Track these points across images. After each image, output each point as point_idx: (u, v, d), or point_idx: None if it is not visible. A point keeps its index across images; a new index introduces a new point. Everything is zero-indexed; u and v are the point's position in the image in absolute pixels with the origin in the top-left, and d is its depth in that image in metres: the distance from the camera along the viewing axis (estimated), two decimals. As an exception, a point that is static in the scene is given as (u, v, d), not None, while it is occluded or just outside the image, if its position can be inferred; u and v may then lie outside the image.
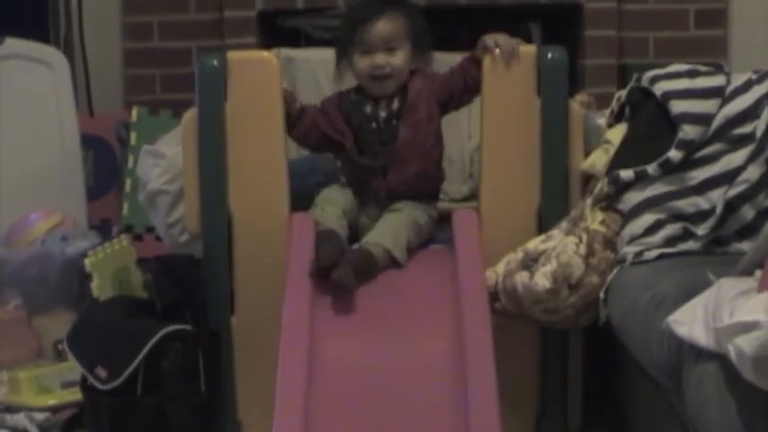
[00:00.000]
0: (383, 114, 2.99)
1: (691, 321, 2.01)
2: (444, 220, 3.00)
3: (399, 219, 2.90)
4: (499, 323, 2.72)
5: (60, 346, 3.42)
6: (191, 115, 2.97)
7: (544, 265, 2.75)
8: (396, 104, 2.98)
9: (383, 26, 2.95)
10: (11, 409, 3.14)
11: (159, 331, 2.75)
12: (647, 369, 2.39)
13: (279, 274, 2.71)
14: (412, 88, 2.98)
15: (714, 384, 1.94)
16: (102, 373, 2.77)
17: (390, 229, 2.85)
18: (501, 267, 2.84)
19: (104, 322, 2.91)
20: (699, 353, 1.99)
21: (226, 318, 2.95)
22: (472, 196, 3.29)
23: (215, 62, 2.94)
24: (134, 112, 4.23)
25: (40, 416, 3.07)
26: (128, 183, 4.10)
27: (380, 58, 2.94)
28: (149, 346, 2.73)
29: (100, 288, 3.30)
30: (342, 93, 3.07)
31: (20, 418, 3.03)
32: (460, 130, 3.44)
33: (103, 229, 4.16)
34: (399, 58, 2.96)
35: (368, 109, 2.99)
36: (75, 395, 3.06)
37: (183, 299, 2.89)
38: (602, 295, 2.71)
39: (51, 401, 3.18)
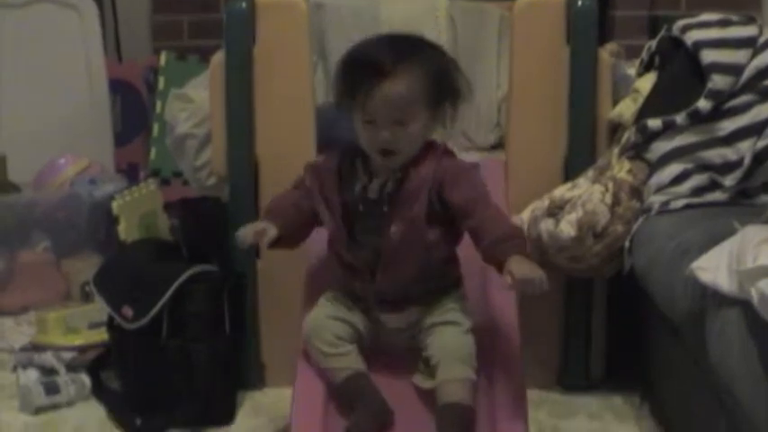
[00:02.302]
0: (372, 196, 2.38)
1: (715, 268, 2.01)
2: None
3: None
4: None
5: (88, 288, 3.46)
6: (218, 59, 2.98)
7: (569, 213, 2.75)
8: (389, 187, 2.35)
9: (393, 92, 2.26)
10: (39, 348, 3.17)
11: (185, 272, 2.77)
12: (670, 318, 2.40)
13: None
14: (417, 173, 2.33)
15: (736, 331, 1.95)
16: (128, 312, 2.79)
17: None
18: (526, 215, 2.85)
19: (131, 264, 2.93)
20: (722, 299, 1.99)
21: (251, 261, 2.96)
22: (499, 145, 3.29)
23: (243, 5, 2.92)
24: (162, 58, 4.24)
25: (68, 355, 3.10)
26: (155, 128, 4.12)
27: (387, 135, 2.29)
28: (175, 286, 2.74)
29: (127, 231, 3.33)
30: (346, 151, 2.44)
31: (47, 357, 3.06)
32: (489, 80, 3.42)
33: (130, 173, 4.19)
34: (412, 133, 2.31)
35: (357, 186, 2.38)
36: (102, 336, 3.08)
37: (209, 242, 2.91)
38: (626, 244, 2.72)
39: (78, 342, 3.20)
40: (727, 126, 2.73)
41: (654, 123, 2.78)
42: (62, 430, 2.82)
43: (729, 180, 2.69)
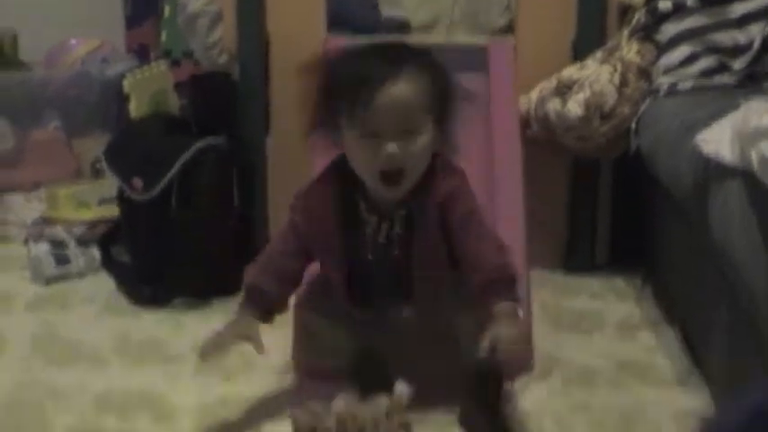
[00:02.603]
0: (381, 240, 2.15)
1: (718, 140, 2.03)
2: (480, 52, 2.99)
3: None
4: (530, 151, 2.75)
5: (98, 165, 3.49)
6: (229, -66, 2.98)
7: (577, 93, 2.77)
8: (398, 227, 2.13)
9: (400, 97, 1.98)
10: (49, 222, 3.21)
11: (195, 144, 2.79)
12: (674, 195, 2.42)
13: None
14: (434, 196, 2.08)
15: (738, 202, 1.97)
16: (138, 183, 2.82)
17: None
18: (534, 95, 2.87)
19: (141, 137, 2.96)
20: (724, 171, 2.01)
21: (260, 137, 2.99)
22: (509, 27, 3.28)
23: None
24: (173, -63, 4.21)
25: (78, 230, 3.14)
26: (166, 10, 4.10)
27: (395, 148, 1.99)
28: (185, 158, 2.77)
29: (137, 109, 3.33)
30: (341, 182, 2.14)
31: (58, 231, 3.11)
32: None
33: (141, 54, 4.17)
34: (421, 146, 2.03)
35: (368, 230, 2.14)
36: (112, 211, 3.12)
37: (219, 117, 2.92)
38: (633, 125, 2.74)
39: (88, 216, 3.24)
40: (738, 9, 2.73)
41: (664, 5, 2.78)
42: (72, 300, 2.86)
43: (738, 63, 2.70)
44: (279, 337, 2.42)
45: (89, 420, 2.23)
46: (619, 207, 3.06)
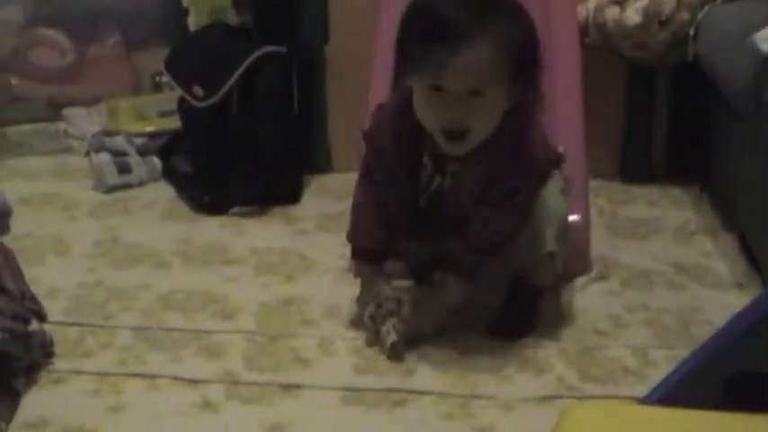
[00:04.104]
0: (433, 188, 2.15)
1: (777, 37, 2.03)
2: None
3: None
4: (588, 60, 2.74)
5: (158, 78, 3.51)
6: None
7: (635, 1, 2.76)
8: (448, 180, 2.12)
9: (473, 58, 1.90)
10: (111, 134, 3.24)
11: (255, 52, 2.81)
12: (731, 97, 2.42)
13: (371, 3, 2.74)
14: (489, 162, 2.04)
15: (796, 99, 1.98)
16: (198, 90, 2.85)
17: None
18: (592, 3, 2.86)
19: (202, 44, 2.98)
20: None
21: (320, 45, 3.01)
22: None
23: None
24: None
25: (138, 141, 3.17)
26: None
27: (460, 108, 1.94)
28: (245, 65, 2.79)
29: (196, 24, 3.35)
30: (407, 121, 2.06)
31: (119, 141, 3.13)
32: None
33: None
34: (487, 108, 1.96)
35: (423, 175, 2.13)
36: (172, 123, 3.15)
37: (279, 24, 2.93)
38: (691, 32, 2.73)
39: (149, 128, 3.27)
40: None
41: None
42: (133, 207, 2.90)
43: (799, -32, 2.68)
44: (337, 240, 2.47)
45: (153, 318, 2.28)
46: (676, 116, 3.05)
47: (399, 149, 2.10)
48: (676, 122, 3.04)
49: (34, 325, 2.06)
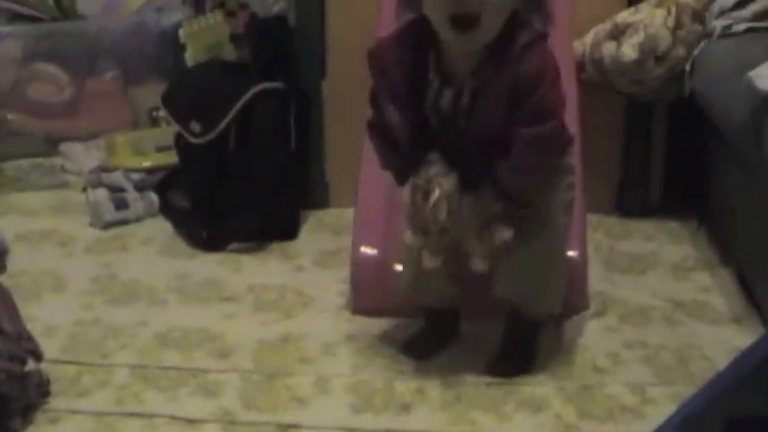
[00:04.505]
0: (446, 107, 2.04)
1: (773, 74, 2.03)
2: None
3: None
4: (585, 95, 2.74)
5: (155, 113, 3.52)
6: None
7: (631, 37, 2.77)
8: (465, 99, 2.00)
9: None
10: (108, 169, 3.24)
11: (252, 88, 2.82)
12: (728, 133, 2.42)
13: (370, 39, 2.74)
14: (496, 77, 1.96)
15: (793, 136, 1.98)
16: (195, 127, 2.85)
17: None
18: (588, 38, 2.87)
19: (199, 80, 2.99)
20: (779, 105, 2.02)
21: (317, 81, 3.01)
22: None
23: None
24: None
25: (136, 176, 3.17)
26: (222, -41, 4.12)
27: None
28: (243, 101, 2.80)
29: (194, 58, 3.36)
30: (414, 36, 2.02)
31: (117, 177, 3.13)
32: None
33: (197, 4, 4.19)
34: None
35: (429, 93, 2.04)
36: (169, 158, 3.16)
37: (277, 60, 2.94)
38: (687, 67, 2.74)
39: (146, 163, 3.28)
40: (792, -51, 2.72)
41: (719, -53, 2.77)
42: (130, 244, 2.90)
43: (793, 4, 2.69)
44: (334, 276, 2.46)
45: (150, 356, 2.27)
46: (673, 150, 3.05)
47: (403, 67, 2.02)
48: (673, 156, 3.04)
49: (31, 364, 2.05)
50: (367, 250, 2.42)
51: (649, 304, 2.51)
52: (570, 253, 2.29)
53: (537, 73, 1.95)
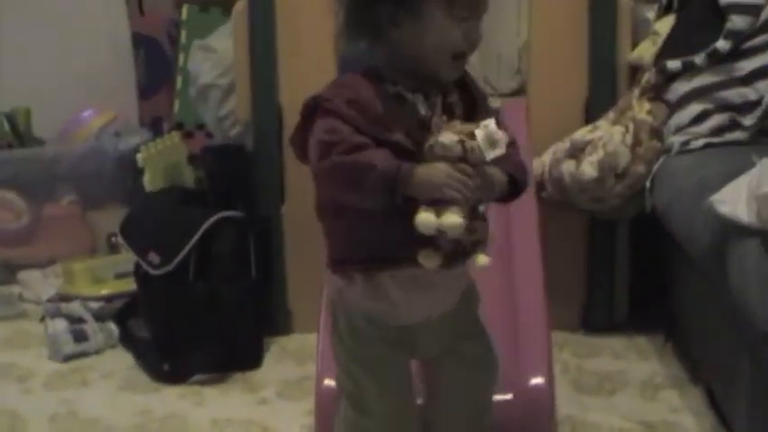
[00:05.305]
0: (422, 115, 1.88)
1: (733, 200, 2.02)
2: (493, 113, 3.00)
3: None
4: (546, 213, 2.74)
5: (114, 239, 3.50)
6: (241, 7, 3.00)
7: (591, 155, 2.77)
8: (454, 98, 1.91)
9: None
10: (66, 298, 3.21)
11: (211, 217, 2.80)
12: (692, 254, 2.41)
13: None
14: (471, 83, 1.94)
15: (755, 261, 1.96)
16: (154, 258, 2.82)
17: None
18: (547, 157, 2.87)
19: (157, 210, 2.98)
20: (740, 230, 2.00)
21: (276, 207, 3.00)
22: (520, 91, 3.29)
23: (264, -49, 2.94)
24: (184, 10, 4.23)
25: (95, 305, 3.14)
26: (178, 80, 4.12)
27: (479, 34, 1.88)
28: (201, 231, 2.78)
29: (152, 182, 3.35)
30: (370, 82, 1.85)
31: (75, 307, 3.10)
32: (509, 26, 3.43)
33: (154, 127, 4.20)
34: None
35: (422, 109, 1.87)
36: (129, 285, 3.12)
37: (235, 188, 2.93)
38: (647, 184, 2.73)
39: (105, 291, 3.24)
40: (746, 66, 2.74)
41: (673, 64, 2.79)
42: (90, 377, 2.85)
43: (749, 119, 2.70)
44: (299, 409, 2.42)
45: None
46: (637, 265, 3.04)
47: (376, 91, 1.84)
48: (638, 271, 3.04)
49: None
50: (331, 383, 2.38)
51: (620, 427, 2.48)
52: (535, 380, 2.26)
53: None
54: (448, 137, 1.81)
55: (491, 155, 1.83)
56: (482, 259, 1.89)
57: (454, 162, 1.80)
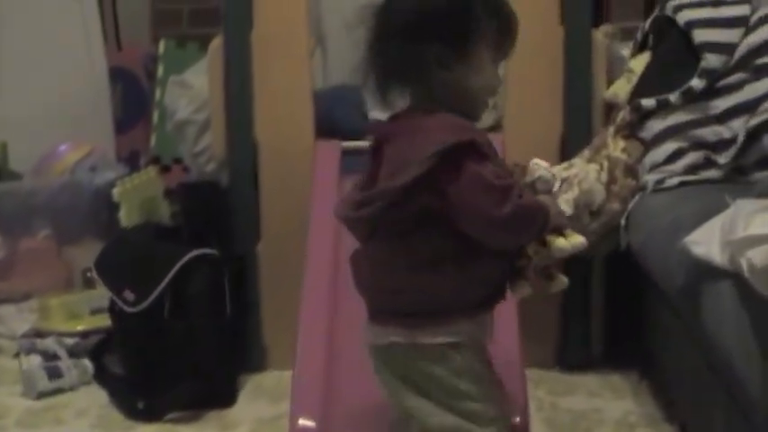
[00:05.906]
0: None
1: (707, 241, 2.03)
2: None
3: None
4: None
5: (89, 274, 3.48)
6: (217, 44, 3.01)
7: (566, 192, 2.77)
8: None
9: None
10: (41, 334, 3.20)
11: (186, 255, 2.79)
12: (666, 292, 2.42)
13: (304, 202, 2.74)
14: None
15: (729, 303, 1.97)
16: (129, 296, 2.81)
17: None
18: (523, 195, 2.87)
19: (132, 247, 2.96)
20: (715, 272, 2.01)
21: (252, 244, 2.99)
22: (497, 126, 3.30)
23: (241, -11, 2.95)
24: (161, 45, 4.25)
25: (70, 341, 3.13)
26: (155, 115, 4.13)
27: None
28: (176, 268, 2.77)
29: (128, 217, 3.35)
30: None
31: (50, 343, 3.09)
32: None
33: (131, 161, 4.20)
34: None
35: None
36: (104, 321, 3.11)
37: (210, 225, 2.93)
38: (623, 222, 2.74)
39: (80, 327, 3.24)
40: (721, 104, 2.76)
41: (648, 102, 2.80)
42: (64, 414, 2.83)
43: (723, 157, 2.72)
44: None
45: None
46: (613, 302, 3.05)
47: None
48: (613, 308, 3.04)
49: None
50: (306, 423, 2.37)
51: (595, 467, 2.48)
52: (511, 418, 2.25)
53: None
54: (543, 173, 1.93)
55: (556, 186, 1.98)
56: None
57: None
